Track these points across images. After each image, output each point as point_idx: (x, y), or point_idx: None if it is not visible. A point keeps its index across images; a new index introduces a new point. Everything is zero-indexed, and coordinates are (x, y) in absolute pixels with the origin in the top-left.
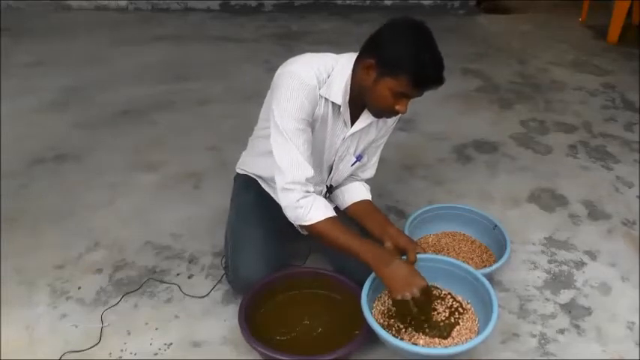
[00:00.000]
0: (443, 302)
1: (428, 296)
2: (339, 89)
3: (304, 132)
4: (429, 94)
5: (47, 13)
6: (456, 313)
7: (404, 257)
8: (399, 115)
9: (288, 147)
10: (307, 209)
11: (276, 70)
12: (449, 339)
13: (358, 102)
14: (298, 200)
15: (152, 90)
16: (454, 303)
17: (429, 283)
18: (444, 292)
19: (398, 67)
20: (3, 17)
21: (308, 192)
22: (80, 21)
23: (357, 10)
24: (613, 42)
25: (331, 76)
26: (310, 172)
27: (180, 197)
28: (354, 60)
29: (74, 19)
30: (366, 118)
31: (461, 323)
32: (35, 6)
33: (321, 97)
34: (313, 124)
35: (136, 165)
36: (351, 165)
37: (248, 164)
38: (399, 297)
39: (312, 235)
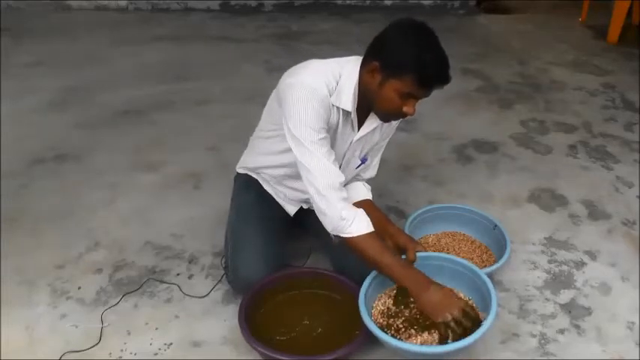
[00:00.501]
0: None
1: (467, 313)
2: (348, 96)
3: (326, 140)
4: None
5: (47, 13)
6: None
7: (403, 256)
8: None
9: (316, 157)
10: (349, 222)
11: (276, 70)
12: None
13: (364, 106)
14: (341, 212)
15: (152, 90)
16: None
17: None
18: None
19: (403, 67)
20: (3, 17)
21: (345, 199)
22: (80, 21)
23: (357, 10)
24: (613, 42)
25: (340, 84)
26: (342, 176)
27: (181, 197)
28: (359, 64)
29: (74, 19)
30: (372, 122)
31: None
32: (35, 6)
33: (332, 105)
34: (328, 131)
35: (136, 165)
36: (356, 167)
37: (248, 162)
38: (440, 320)
39: (347, 246)
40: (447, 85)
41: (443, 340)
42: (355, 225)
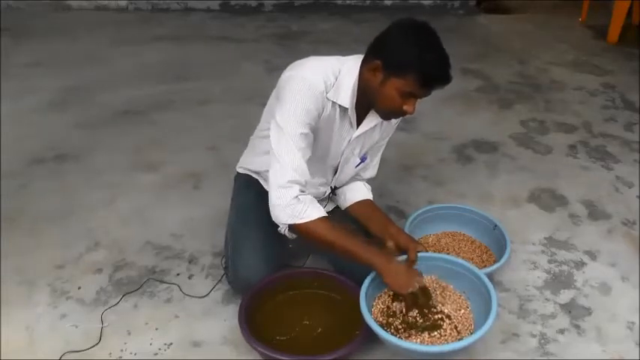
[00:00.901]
0: (445, 294)
1: (425, 291)
2: (346, 92)
3: (307, 136)
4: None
5: (47, 13)
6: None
7: (404, 256)
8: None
9: (291, 149)
10: (305, 206)
11: (276, 70)
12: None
13: (364, 104)
14: (297, 196)
15: (152, 90)
16: (455, 298)
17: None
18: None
19: (404, 66)
20: (3, 17)
21: (304, 192)
22: (80, 21)
23: (357, 10)
24: (613, 42)
25: (338, 79)
26: (308, 177)
27: (180, 197)
28: (360, 62)
29: (74, 19)
30: (371, 120)
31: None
32: (35, 6)
33: (328, 100)
34: (319, 127)
35: (136, 165)
36: (356, 166)
37: (248, 162)
38: (404, 291)
39: (305, 235)
40: (448, 84)
41: (411, 309)
42: (311, 209)
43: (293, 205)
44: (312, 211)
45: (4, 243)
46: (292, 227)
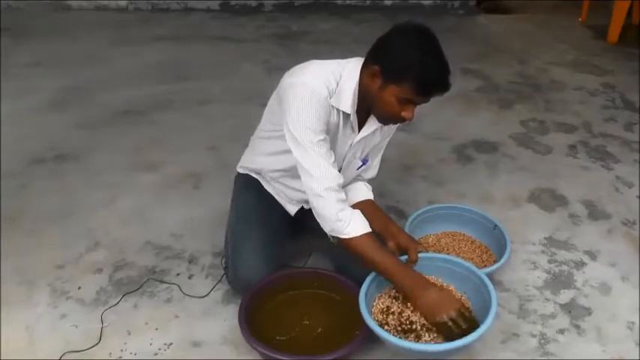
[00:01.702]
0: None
1: (463, 314)
2: (348, 98)
3: (325, 141)
4: None
5: (47, 13)
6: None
7: (405, 256)
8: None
9: (315, 158)
10: (346, 223)
11: (276, 70)
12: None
13: (365, 108)
14: (337, 213)
15: (152, 90)
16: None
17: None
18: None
19: (403, 74)
20: (3, 17)
21: (343, 200)
22: (80, 21)
23: (357, 10)
24: (613, 42)
25: (340, 85)
26: (341, 178)
27: (180, 197)
28: (360, 66)
29: (74, 19)
30: (372, 124)
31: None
32: (35, 6)
33: (332, 107)
34: (327, 133)
35: (136, 165)
36: (357, 169)
37: (249, 162)
38: (439, 319)
39: (344, 247)
40: (447, 92)
41: (445, 340)
42: (352, 226)
43: (335, 222)
44: (352, 229)
45: (4, 243)
46: (334, 237)
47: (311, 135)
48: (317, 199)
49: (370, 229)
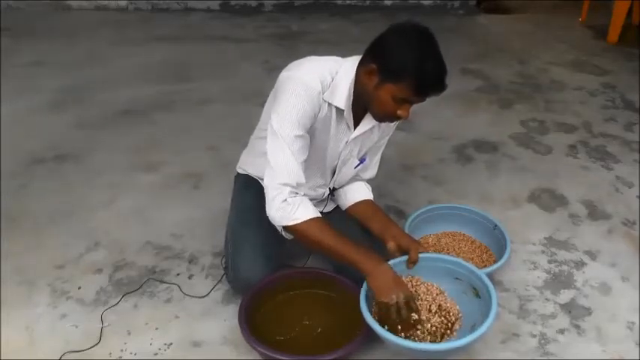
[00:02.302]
0: (434, 305)
1: (409, 305)
2: (342, 94)
3: (302, 138)
4: None
5: (47, 13)
6: (446, 319)
7: (406, 257)
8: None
9: (284, 152)
10: (295, 207)
11: (276, 70)
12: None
13: (361, 105)
14: (285, 199)
15: (152, 90)
16: (446, 308)
17: (427, 281)
18: (436, 295)
19: (400, 73)
20: (3, 17)
21: (295, 194)
22: (80, 21)
23: (357, 10)
24: (613, 42)
25: (335, 80)
26: (302, 178)
27: (180, 197)
28: (357, 64)
29: (74, 19)
30: (368, 122)
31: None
32: (35, 6)
33: (324, 101)
34: (315, 128)
35: (136, 165)
36: (355, 167)
37: (248, 164)
38: (384, 299)
39: (297, 236)
40: (443, 92)
41: (385, 321)
42: (301, 210)
43: (282, 208)
44: (301, 213)
45: (5, 243)
46: (286, 228)
47: (290, 129)
48: (271, 191)
49: (319, 214)
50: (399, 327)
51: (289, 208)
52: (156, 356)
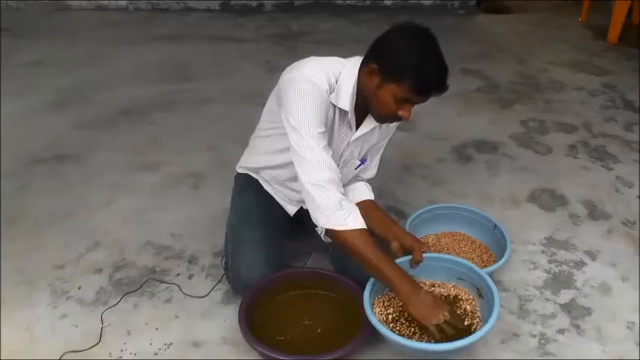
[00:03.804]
0: (443, 293)
1: (455, 316)
2: (346, 95)
3: (325, 134)
4: None
5: (47, 13)
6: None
7: (409, 256)
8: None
9: (315, 150)
10: (347, 212)
11: (276, 70)
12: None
13: (362, 106)
14: (340, 202)
15: (152, 90)
16: (455, 293)
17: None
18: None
19: (401, 73)
20: (3, 17)
21: (344, 193)
22: (80, 21)
23: (357, 10)
24: (613, 42)
25: (339, 82)
26: (339, 173)
27: (180, 197)
28: (359, 64)
29: (74, 19)
30: (370, 123)
31: (458, 312)
32: (35, 6)
33: (330, 103)
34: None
35: (136, 165)
36: (355, 168)
37: (249, 161)
38: (433, 322)
39: (340, 243)
40: (444, 92)
41: (433, 337)
42: (352, 217)
43: (336, 211)
44: (352, 220)
45: (5, 243)
46: (329, 232)
47: (312, 127)
48: (316, 189)
49: (364, 226)
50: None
51: (341, 212)
52: (156, 356)
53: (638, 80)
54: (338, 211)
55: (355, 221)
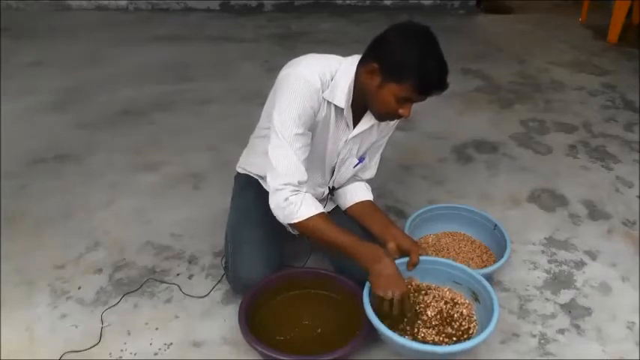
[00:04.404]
0: (438, 297)
1: (405, 303)
2: (342, 92)
3: (303, 136)
4: None
5: (47, 13)
6: (450, 305)
7: (407, 259)
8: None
9: (286, 150)
10: (297, 206)
11: (276, 70)
12: (449, 335)
13: (360, 104)
14: (287, 198)
15: (152, 90)
16: (451, 297)
17: (425, 283)
18: (441, 289)
19: (402, 72)
20: (3, 17)
21: (297, 191)
22: (80, 21)
23: (357, 10)
24: (613, 42)
25: (335, 79)
26: (304, 176)
27: (180, 197)
28: (357, 62)
29: (74, 19)
30: (368, 121)
31: (455, 315)
32: (35, 6)
33: (324, 100)
34: (315, 127)
35: (136, 165)
36: (354, 167)
37: (249, 164)
38: (380, 293)
39: (303, 232)
40: (445, 91)
41: (380, 315)
42: (303, 208)
43: (285, 207)
44: (303, 211)
45: (5, 243)
46: (291, 225)
47: (291, 127)
48: (274, 194)
49: (322, 210)
50: (405, 320)
51: (292, 207)
52: (156, 356)
53: (638, 80)
54: (288, 206)
55: (307, 210)
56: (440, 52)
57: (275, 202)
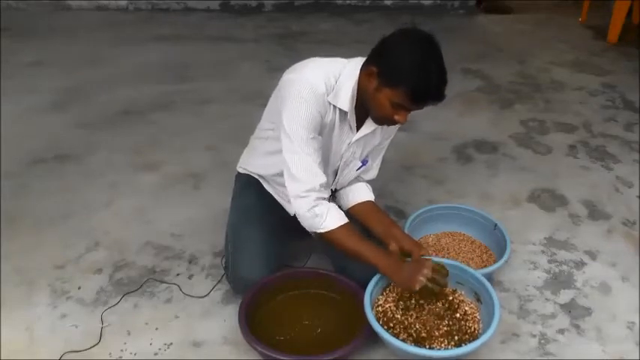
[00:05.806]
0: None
1: (437, 270)
2: (346, 96)
3: (315, 140)
4: None
5: (47, 13)
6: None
7: (408, 259)
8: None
9: (301, 156)
10: (323, 217)
11: (276, 70)
12: (454, 336)
13: (363, 107)
14: (312, 208)
15: (152, 90)
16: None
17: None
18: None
19: (398, 79)
20: (3, 17)
21: (321, 198)
22: (80, 21)
23: (357, 10)
24: (613, 42)
25: (339, 82)
26: (324, 178)
27: (180, 197)
28: (360, 65)
29: (74, 19)
30: (371, 124)
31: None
32: (35, 6)
33: (329, 103)
34: (321, 130)
35: (136, 165)
36: (357, 169)
37: (249, 164)
38: (416, 287)
39: (326, 241)
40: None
41: (427, 299)
42: (329, 220)
43: (310, 218)
44: (329, 222)
45: (4, 243)
46: (315, 234)
47: (303, 132)
48: (297, 200)
49: (347, 220)
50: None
51: (318, 219)
52: (156, 356)
53: (638, 80)
54: (314, 219)
55: (332, 221)
56: (440, 61)
57: (300, 211)
